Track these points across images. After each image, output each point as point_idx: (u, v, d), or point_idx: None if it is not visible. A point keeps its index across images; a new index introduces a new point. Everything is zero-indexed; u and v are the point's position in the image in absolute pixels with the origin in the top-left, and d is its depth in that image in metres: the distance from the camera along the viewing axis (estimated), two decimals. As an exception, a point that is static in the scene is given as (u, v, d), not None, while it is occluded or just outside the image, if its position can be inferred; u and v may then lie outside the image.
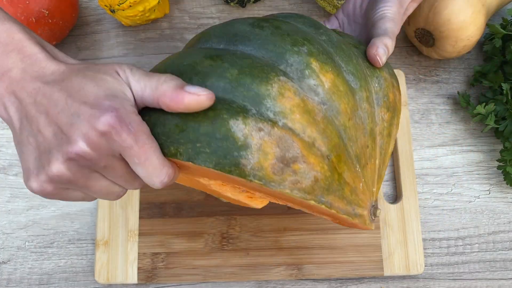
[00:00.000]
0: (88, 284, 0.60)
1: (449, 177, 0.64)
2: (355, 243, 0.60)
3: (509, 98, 0.62)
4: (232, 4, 0.71)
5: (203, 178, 0.41)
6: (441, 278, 0.61)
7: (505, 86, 0.62)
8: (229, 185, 0.42)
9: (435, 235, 0.62)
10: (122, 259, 0.59)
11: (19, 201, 0.62)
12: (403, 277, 0.60)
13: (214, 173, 0.34)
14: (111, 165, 0.34)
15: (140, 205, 0.61)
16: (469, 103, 0.65)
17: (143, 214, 0.60)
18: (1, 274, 0.60)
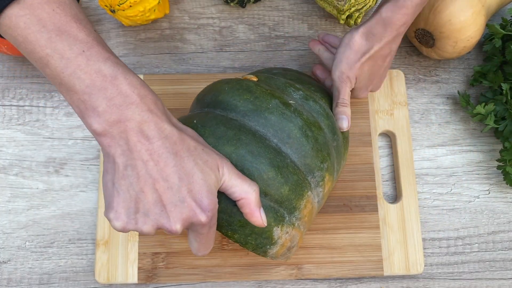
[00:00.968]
0: (88, 284, 0.60)
1: (449, 177, 0.64)
2: (355, 243, 0.60)
3: (509, 98, 0.62)
4: (232, 5, 0.71)
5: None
6: (440, 278, 0.61)
7: (504, 86, 0.63)
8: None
9: (434, 235, 0.62)
10: (122, 259, 0.59)
11: (20, 201, 0.62)
12: (403, 277, 0.60)
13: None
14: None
15: (140, 205, 0.61)
16: (469, 103, 0.65)
17: (143, 214, 0.60)
18: (1, 273, 0.60)
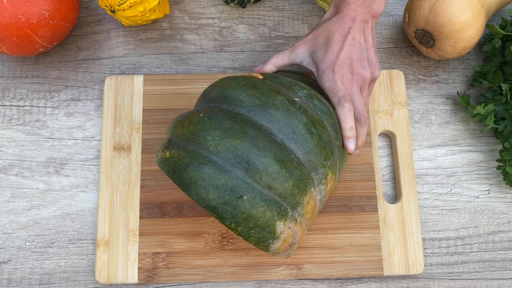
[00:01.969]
0: (89, 284, 0.60)
1: (449, 177, 0.64)
2: (354, 243, 0.60)
3: (509, 98, 0.62)
4: (232, 5, 0.71)
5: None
6: (440, 278, 0.61)
7: (504, 87, 0.63)
8: None
9: (434, 235, 0.62)
10: (122, 259, 0.59)
11: (20, 201, 0.62)
12: (402, 277, 0.60)
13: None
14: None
15: (141, 205, 0.61)
16: (468, 103, 0.65)
17: (143, 214, 0.61)
18: (1, 274, 0.60)
